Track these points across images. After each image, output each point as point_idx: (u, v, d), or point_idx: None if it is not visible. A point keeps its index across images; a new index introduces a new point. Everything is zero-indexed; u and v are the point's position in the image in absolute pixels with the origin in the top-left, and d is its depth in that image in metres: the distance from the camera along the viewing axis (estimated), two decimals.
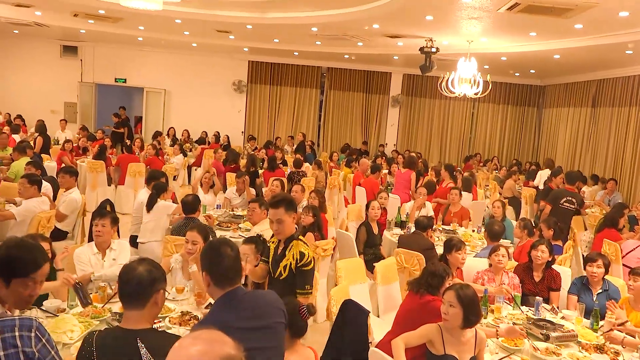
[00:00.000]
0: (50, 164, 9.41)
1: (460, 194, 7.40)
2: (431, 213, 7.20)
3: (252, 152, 12.29)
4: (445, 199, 7.79)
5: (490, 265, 4.53)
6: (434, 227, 6.24)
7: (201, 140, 14.64)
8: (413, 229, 6.16)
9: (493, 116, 16.14)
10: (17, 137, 10.88)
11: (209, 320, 2.48)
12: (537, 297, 4.25)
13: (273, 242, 3.71)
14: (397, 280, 5.02)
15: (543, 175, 11.01)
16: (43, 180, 6.11)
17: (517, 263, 4.99)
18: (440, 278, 3.65)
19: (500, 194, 10.47)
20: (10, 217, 5.35)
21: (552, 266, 4.72)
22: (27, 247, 2.33)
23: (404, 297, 4.85)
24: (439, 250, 5.14)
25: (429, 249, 5.44)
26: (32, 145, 9.44)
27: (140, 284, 2.26)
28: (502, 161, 15.36)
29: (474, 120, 16.27)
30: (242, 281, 2.81)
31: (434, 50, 9.92)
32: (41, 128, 11.16)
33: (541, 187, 10.57)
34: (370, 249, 6.06)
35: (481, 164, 14.61)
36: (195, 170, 12.54)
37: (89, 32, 13.32)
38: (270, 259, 3.66)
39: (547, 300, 4.46)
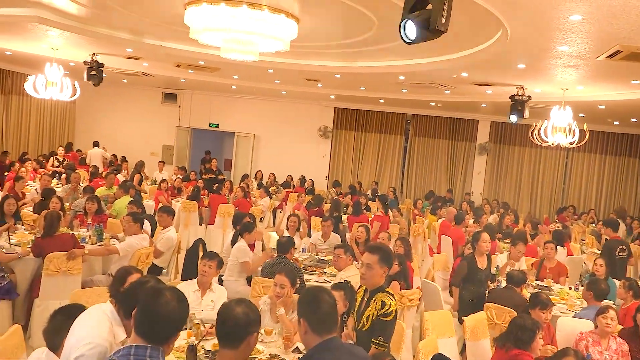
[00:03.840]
0: (148, 203, 10.03)
1: (556, 249, 6.99)
2: (524, 267, 6.84)
3: (336, 197, 12.41)
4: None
5: (596, 327, 4.20)
6: (527, 281, 5.92)
7: (286, 184, 15.02)
8: (503, 283, 5.91)
9: (589, 166, 15.28)
10: (120, 177, 11.79)
11: None
12: None
13: (359, 292, 3.70)
14: (488, 337, 4.78)
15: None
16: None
17: (621, 327, 4.60)
18: (531, 332, 3.52)
19: (598, 249, 9.77)
20: (115, 251, 5.74)
21: None
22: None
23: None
24: None
25: (522, 305, 5.15)
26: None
27: (237, 324, 2.33)
28: (599, 214, 14.39)
29: (568, 170, 15.47)
30: None
31: (525, 98, 9.67)
32: (137, 166, 12.10)
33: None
34: (471, 285, 5.83)
35: (576, 217, 13.77)
36: (280, 212, 12.86)
37: (188, 80, 14.34)
38: (355, 310, 3.64)
39: None
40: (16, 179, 8.89)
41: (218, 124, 16.80)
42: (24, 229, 6.51)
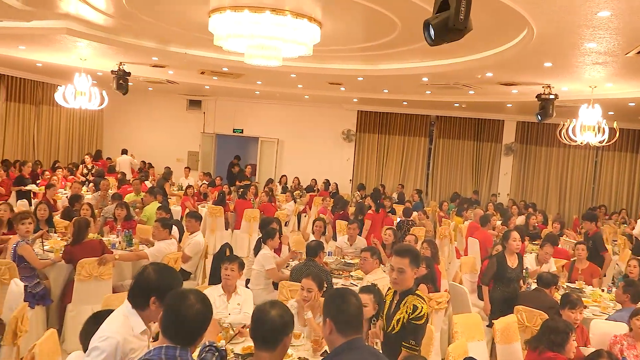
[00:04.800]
0: (175, 208, 10.17)
1: (588, 249, 6.84)
2: (554, 269, 6.72)
3: (361, 200, 12.37)
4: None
5: (631, 329, 4.10)
6: (558, 284, 5.81)
7: (310, 188, 15.04)
8: (533, 285, 5.82)
9: (619, 165, 14.90)
10: (147, 183, 11.99)
11: None
12: None
13: (388, 295, 3.68)
14: (519, 340, 4.70)
15: None
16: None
17: None
18: (564, 335, 3.47)
19: (630, 250, 9.53)
20: (144, 256, 5.83)
21: None
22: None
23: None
24: None
25: (553, 307, 5.06)
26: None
27: (273, 327, 2.37)
28: (631, 214, 14.02)
29: (598, 169, 15.12)
30: None
31: (552, 97, 9.50)
32: (165, 175, 12.29)
33: None
34: (501, 284, 5.74)
35: (607, 217, 13.46)
36: (305, 216, 12.89)
37: (212, 87, 14.51)
38: (385, 313, 3.62)
39: None
40: (47, 186, 9.11)
41: (242, 130, 16.95)
42: (57, 236, 6.67)
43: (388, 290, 3.68)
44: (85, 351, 2.88)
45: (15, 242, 5.21)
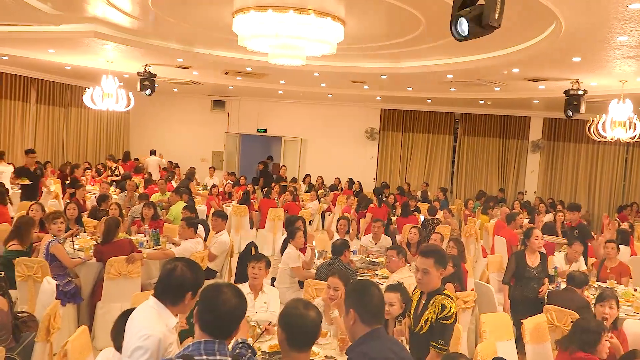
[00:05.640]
0: (200, 208, 10.27)
1: (618, 248, 6.68)
2: (583, 267, 6.58)
3: (385, 199, 12.30)
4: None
5: None
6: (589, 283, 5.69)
7: (334, 187, 15.02)
8: (562, 285, 5.71)
9: None
10: (173, 183, 12.14)
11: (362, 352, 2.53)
12: None
13: (415, 294, 3.65)
14: (549, 339, 4.62)
15: None
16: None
17: None
18: (595, 335, 3.40)
19: None
20: (171, 255, 5.89)
21: None
22: None
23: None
24: None
25: (585, 307, 4.96)
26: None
27: (316, 330, 2.41)
28: None
29: (628, 166, 14.76)
30: None
31: (580, 92, 9.31)
32: (188, 175, 12.44)
33: None
34: (519, 283, 5.64)
35: (638, 215, 13.12)
36: (329, 215, 12.87)
37: (236, 87, 14.62)
38: (412, 313, 3.59)
39: None
40: (76, 186, 9.29)
41: (266, 129, 17.03)
42: (86, 235, 6.80)
43: (415, 289, 3.66)
44: (116, 348, 2.93)
45: (47, 242, 5.33)
